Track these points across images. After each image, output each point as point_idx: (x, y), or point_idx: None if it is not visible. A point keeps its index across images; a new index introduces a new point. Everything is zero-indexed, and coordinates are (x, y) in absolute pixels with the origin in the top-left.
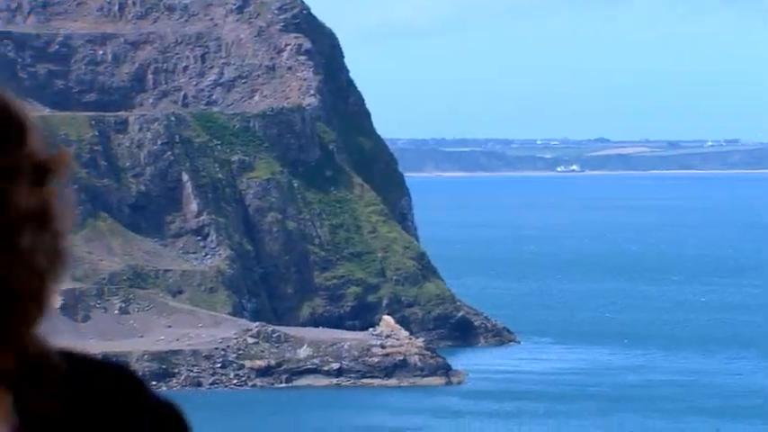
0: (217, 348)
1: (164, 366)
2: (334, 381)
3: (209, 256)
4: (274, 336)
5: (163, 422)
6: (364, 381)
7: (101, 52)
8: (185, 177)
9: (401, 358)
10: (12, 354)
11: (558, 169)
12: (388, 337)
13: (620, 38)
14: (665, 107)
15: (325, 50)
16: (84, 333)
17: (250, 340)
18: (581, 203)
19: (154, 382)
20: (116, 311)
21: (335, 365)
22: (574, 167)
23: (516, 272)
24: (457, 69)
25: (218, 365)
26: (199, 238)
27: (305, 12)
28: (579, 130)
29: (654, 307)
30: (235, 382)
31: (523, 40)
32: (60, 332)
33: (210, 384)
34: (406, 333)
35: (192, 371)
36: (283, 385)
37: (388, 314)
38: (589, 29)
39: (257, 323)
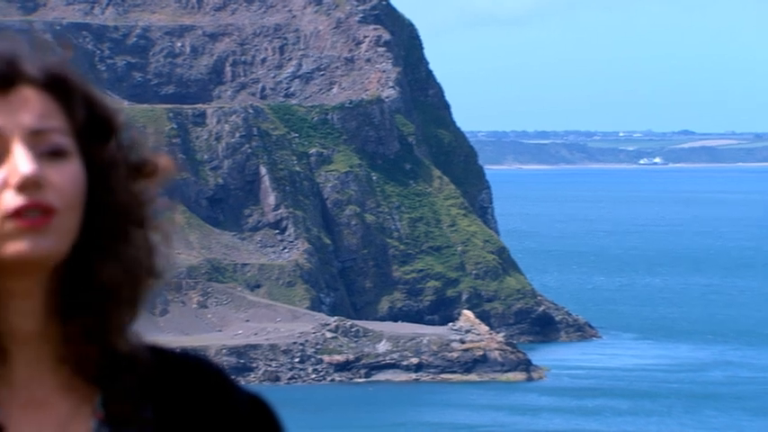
0: (295, 343)
1: (242, 361)
2: (413, 376)
3: (287, 250)
4: (353, 330)
5: (251, 415)
6: (443, 376)
7: (179, 44)
8: (263, 170)
9: (481, 353)
10: (101, 351)
11: (641, 162)
12: (467, 331)
13: (707, 27)
14: (752, 98)
15: (404, 42)
16: (163, 327)
17: (328, 335)
18: (665, 197)
19: (232, 377)
20: (194, 306)
21: (414, 360)
22: (657, 160)
23: (598, 266)
24: (538, 60)
25: (297, 360)
26: (277, 231)
27: (384, 3)
28: (663, 121)
29: (739, 302)
30: (313, 377)
31: (607, 29)
32: (138, 326)
33: (289, 379)
34: (487, 328)
35: (270, 365)
36: (362, 380)
37: (467, 309)
38: (674, 19)
39: (335, 317)
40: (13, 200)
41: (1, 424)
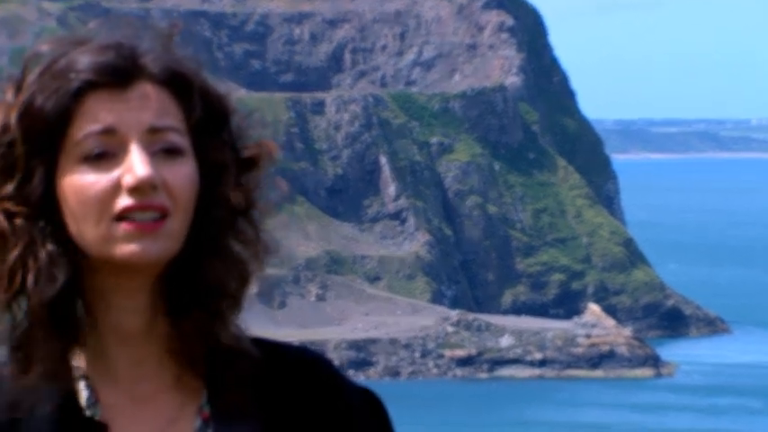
0: (416, 337)
1: (361, 355)
2: (537, 371)
3: (407, 242)
4: (475, 324)
5: (360, 410)
6: (568, 372)
7: (298, 31)
8: (383, 160)
9: (608, 349)
10: (208, 347)
11: None
12: (593, 326)
13: None
14: None
15: (528, 27)
16: (281, 320)
17: (450, 329)
18: None
19: (351, 371)
20: (313, 298)
21: (538, 355)
22: None
23: (730, 258)
24: (667, 46)
25: (418, 355)
26: (397, 222)
27: None
28: None
29: None
30: (434, 372)
31: (740, 13)
32: (256, 319)
33: (409, 374)
34: (613, 322)
35: (390, 360)
36: (485, 375)
37: (593, 302)
38: None
39: (457, 311)
40: (126, 200)
41: (104, 422)
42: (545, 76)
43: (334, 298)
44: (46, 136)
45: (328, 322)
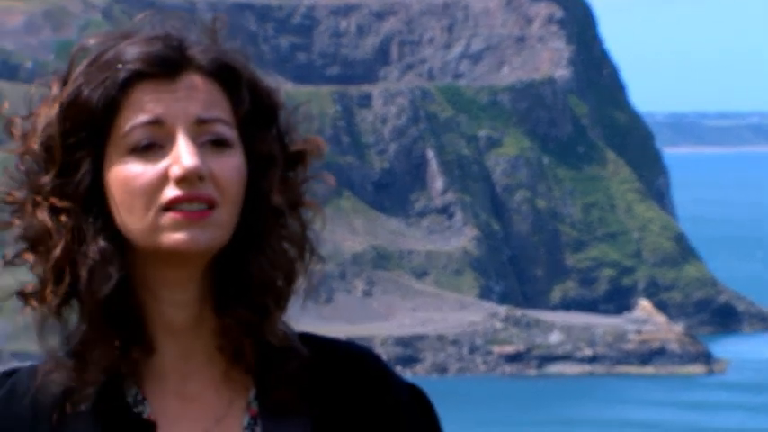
0: (463, 333)
1: (408, 351)
2: (587, 368)
3: (454, 237)
4: (524, 320)
5: (408, 407)
6: (619, 368)
7: (344, 24)
8: (430, 154)
9: (659, 345)
10: (256, 343)
11: None
12: (644, 322)
13: None
14: None
15: (577, 19)
16: (327, 316)
17: (498, 325)
18: None
19: (398, 368)
20: (359, 294)
21: (588, 352)
22: None
23: None
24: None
25: (465, 351)
26: (444, 217)
27: None
28: None
29: None
30: (482, 368)
31: None
32: (302, 314)
33: (457, 371)
34: (664, 318)
35: (437, 356)
36: (533, 372)
37: (644, 298)
38: None
39: (505, 306)
40: (173, 191)
41: (152, 419)
42: (595, 68)
43: (380, 293)
44: (92, 128)
45: (375, 318)
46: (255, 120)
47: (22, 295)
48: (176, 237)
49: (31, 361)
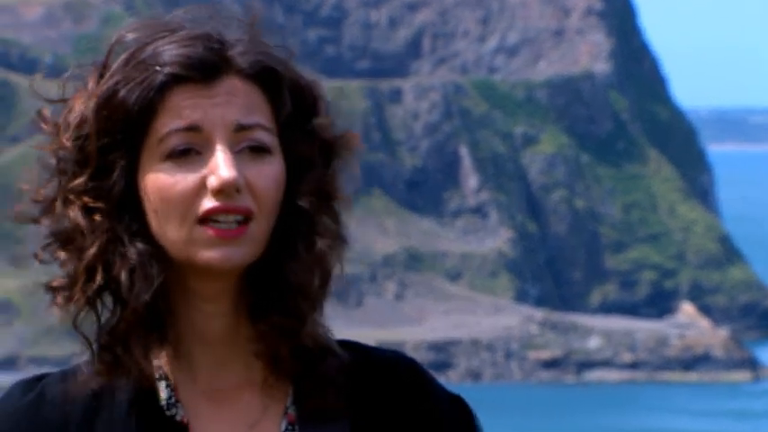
0: (498, 338)
1: (441, 356)
2: (628, 375)
3: (489, 238)
4: (561, 324)
5: (450, 418)
6: (660, 375)
7: (375, 16)
8: (464, 151)
9: (702, 350)
10: (293, 348)
11: None
12: (687, 326)
13: None
14: None
15: (617, 10)
16: (357, 319)
17: (535, 329)
18: None
19: None
20: (390, 297)
21: (629, 357)
22: None
23: None
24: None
25: (500, 356)
26: (478, 217)
27: None
28: None
29: None
30: (518, 374)
31: None
32: (331, 318)
33: (492, 377)
34: (708, 322)
35: (471, 362)
36: (571, 378)
37: (687, 302)
38: None
39: (542, 310)
40: (210, 203)
41: (185, 423)
42: (635, 61)
43: (412, 296)
44: (127, 129)
45: (406, 322)
46: (296, 120)
47: (50, 289)
48: (210, 254)
49: (50, 367)
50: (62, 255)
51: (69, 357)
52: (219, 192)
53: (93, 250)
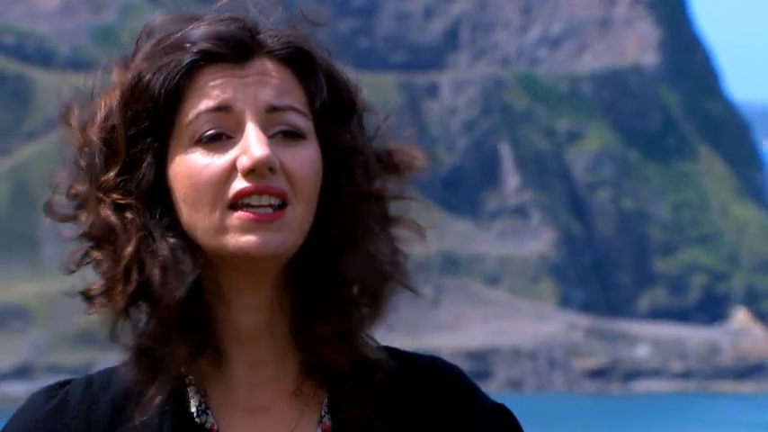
0: (541, 346)
1: (479, 365)
2: (678, 385)
3: (531, 240)
4: (608, 332)
5: (495, 427)
6: (712, 385)
7: (410, 5)
8: (504, 149)
9: (757, 360)
10: (341, 353)
11: None
12: (741, 334)
13: None
14: None
15: (666, 0)
16: (391, 325)
17: (579, 337)
18: None
19: None
20: (425, 302)
21: (679, 367)
22: None
23: None
24: None
25: (543, 365)
26: (519, 217)
27: None
28: None
29: None
30: (562, 384)
31: None
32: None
33: (534, 387)
34: (763, 330)
35: (512, 371)
36: (617, 388)
37: (741, 307)
38: None
39: (587, 317)
40: (241, 183)
41: (215, 430)
42: (686, 53)
43: (448, 302)
44: (154, 117)
45: (442, 329)
46: (333, 112)
47: (87, 297)
48: (244, 239)
49: (66, 376)
50: (98, 255)
51: (86, 366)
52: (251, 171)
53: (130, 248)
